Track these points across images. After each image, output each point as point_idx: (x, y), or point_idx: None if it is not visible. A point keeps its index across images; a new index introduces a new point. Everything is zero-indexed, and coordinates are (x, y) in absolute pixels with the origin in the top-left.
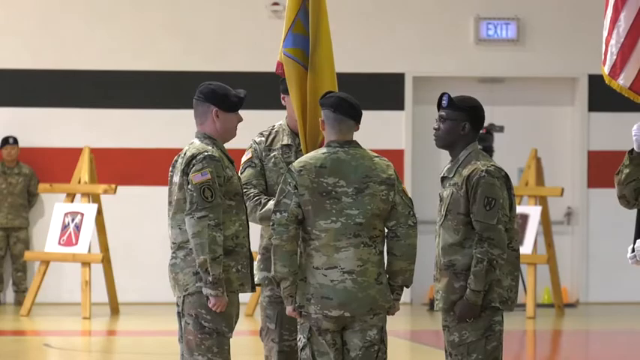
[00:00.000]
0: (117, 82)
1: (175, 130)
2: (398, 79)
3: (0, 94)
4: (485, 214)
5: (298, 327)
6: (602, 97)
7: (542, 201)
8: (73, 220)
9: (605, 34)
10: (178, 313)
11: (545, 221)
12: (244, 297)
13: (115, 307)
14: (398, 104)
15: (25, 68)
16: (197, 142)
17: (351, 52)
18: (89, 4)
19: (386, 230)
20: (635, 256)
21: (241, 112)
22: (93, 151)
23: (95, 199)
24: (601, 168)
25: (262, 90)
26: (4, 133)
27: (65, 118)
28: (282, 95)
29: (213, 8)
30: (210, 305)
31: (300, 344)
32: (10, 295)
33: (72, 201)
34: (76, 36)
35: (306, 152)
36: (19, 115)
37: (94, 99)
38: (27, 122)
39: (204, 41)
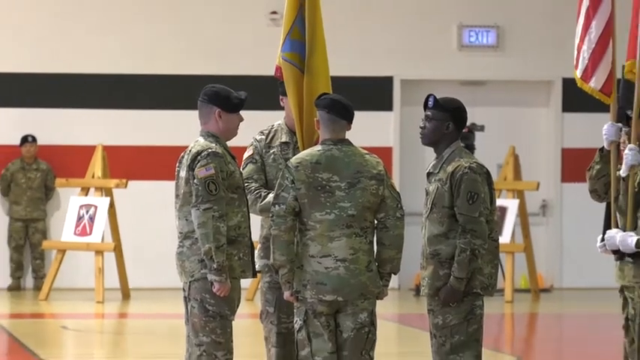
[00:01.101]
0: (127, 85)
1: (181, 129)
2: (387, 82)
3: (19, 96)
4: (468, 207)
5: (295, 310)
6: (575, 98)
7: (519, 194)
8: (87, 212)
9: (577, 40)
10: (185, 297)
11: (522, 213)
12: (245, 282)
13: (126, 292)
14: (387, 105)
15: (42, 72)
16: (201, 139)
17: (344, 57)
18: (104, 14)
19: (375, 221)
20: (604, 245)
21: (242, 113)
22: (105, 148)
23: (108, 192)
24: (574, 164)
25: (262, 92)
26: (24, 132)
27: (80, 118)
28: (280, 97)
29: (217, 17)
30: (214, 290)
31: (296, 326)
32: (29, 281)
33: (86, 194)
34: (90, 42)
35: (303, 149)
36: (37, 115)
37: (107, 100)
38: (44, 122)
39: (208, 47)
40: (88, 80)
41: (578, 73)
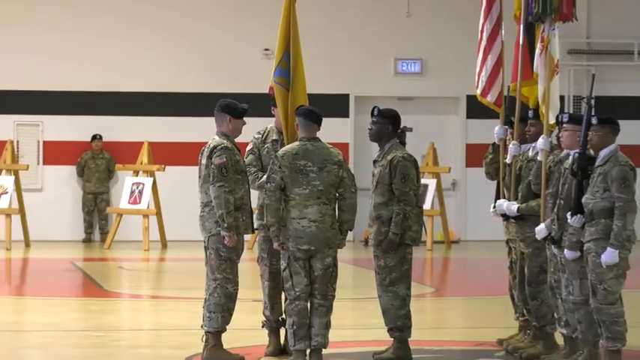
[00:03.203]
0: (165, 99)
1: (202, 130)
2: (345, 97)
3: (91, 107)
4: (402, 184)
5: (281, 256)
6: (476, 109)
7: (436, 175)
8: (137, 187)
9: (477, 69)
10: (205, 247)
11: (439, 189)
12: (247, 237)
13: (164, 243)
14: (345, 114)
15: (106, 90)
16: (217, 137)
17: (316, 80)
18: (146, 50)
19: (337, 194)
20: (495, 210)
21: (245, 119)
22: (150, 143)
23: (151, 174)
24: (474, 154)
25: (258, 104)
26: (94, 132)
27: (133, 122)
28: (272, 108)
29: (227, 52)
30: (225, 242)
31: (282, 267)
32: (97, 235)
33: (137, 175)
34: (141, 68)
35: (288, 144)
36: (103, 120)
37: (151, 110)
38: (108, 125)
39: (221, 74)
40: (138, 96)
41: (478, 91)
